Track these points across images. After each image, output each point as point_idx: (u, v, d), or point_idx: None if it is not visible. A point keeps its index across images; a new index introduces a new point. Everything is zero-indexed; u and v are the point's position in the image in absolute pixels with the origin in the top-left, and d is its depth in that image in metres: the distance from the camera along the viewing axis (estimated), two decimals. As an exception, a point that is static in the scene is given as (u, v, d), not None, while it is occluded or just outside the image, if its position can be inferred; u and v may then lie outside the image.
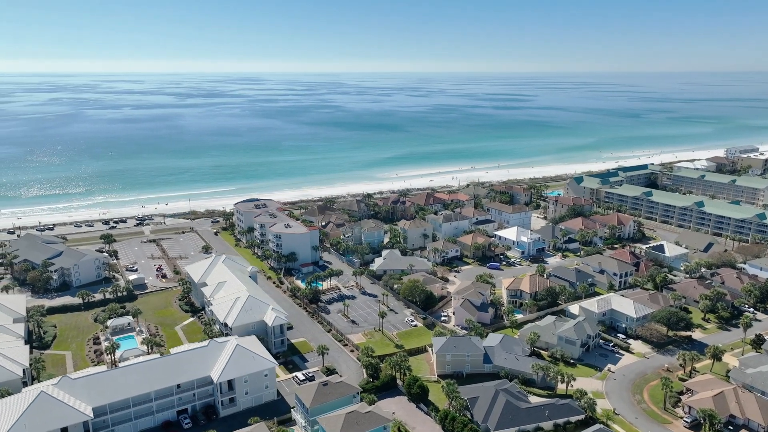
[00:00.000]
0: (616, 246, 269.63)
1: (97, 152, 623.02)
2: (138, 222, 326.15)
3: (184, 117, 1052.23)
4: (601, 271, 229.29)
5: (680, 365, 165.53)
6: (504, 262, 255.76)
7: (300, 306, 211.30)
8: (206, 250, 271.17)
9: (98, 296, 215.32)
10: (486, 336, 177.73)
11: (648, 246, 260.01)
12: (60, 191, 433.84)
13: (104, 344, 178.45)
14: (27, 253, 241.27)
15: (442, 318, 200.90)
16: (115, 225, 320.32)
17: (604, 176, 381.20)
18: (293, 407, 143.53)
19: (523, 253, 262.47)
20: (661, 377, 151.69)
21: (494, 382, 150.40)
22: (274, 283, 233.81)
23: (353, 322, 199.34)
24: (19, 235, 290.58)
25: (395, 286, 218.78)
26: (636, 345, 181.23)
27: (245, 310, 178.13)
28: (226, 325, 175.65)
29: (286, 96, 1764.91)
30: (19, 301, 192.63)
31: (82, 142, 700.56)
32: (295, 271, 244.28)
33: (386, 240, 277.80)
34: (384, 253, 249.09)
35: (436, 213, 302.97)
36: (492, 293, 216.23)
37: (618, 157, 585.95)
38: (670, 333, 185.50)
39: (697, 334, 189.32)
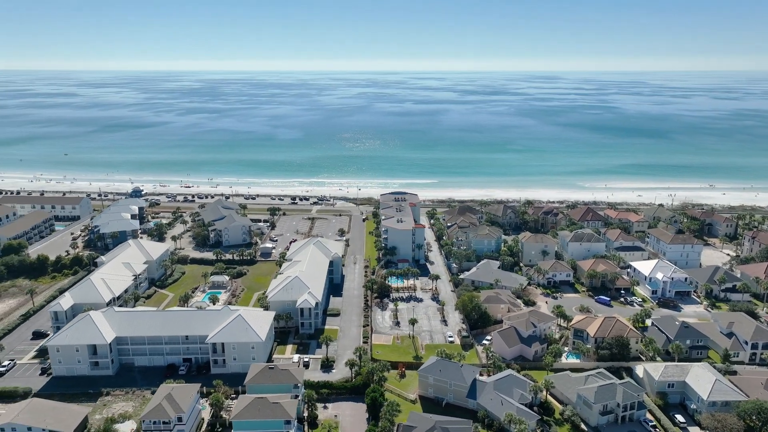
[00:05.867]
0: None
1: (352, 140, 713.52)
2: (314, 201, 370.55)
3: (449, 113, 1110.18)
4: (730, 335, 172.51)
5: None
6: (621, 299, 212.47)
7: (365, 297, 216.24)
8: (341, 233, 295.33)
9: (228, 256, 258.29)
10: (503, 369, 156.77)
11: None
12: (294, 170, 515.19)
13: (197, 293, 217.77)
14: (206, 214, 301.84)
15: (484, 341, 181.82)
16: (296, 201, 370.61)
17: None
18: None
19: (654, 292, 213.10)
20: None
21: (444, 418, 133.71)
22: (365, 273, 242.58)
23: (397, 323, 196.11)
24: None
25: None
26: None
27: (286, 288, 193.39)
28: (266, 298, 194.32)
29: (566, 95, 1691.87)
30: (160, 248, 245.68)
31: (348, 131, 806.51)
32: (392, 265, 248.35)
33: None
34: (480, 262, 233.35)
35: (571, 230, 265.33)
36: (563, 327, 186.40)
37: None
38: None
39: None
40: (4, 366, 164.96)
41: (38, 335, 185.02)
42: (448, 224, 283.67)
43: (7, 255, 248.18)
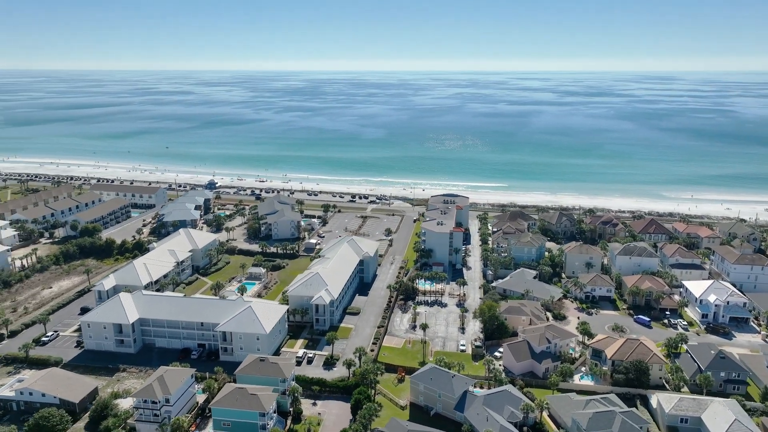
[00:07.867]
0: None
1: (433, 140, 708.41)
2: (371, 200, 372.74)
3: (541, 114, 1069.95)
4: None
5: None
6: (665, 320, 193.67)
7: (391, 298, 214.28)
8: (388, 232, 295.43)
9: (273, 249, 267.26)
10: (504, 383, 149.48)
11: None
12: (365, 168, 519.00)
13: (232, 282, 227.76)
14: (261, 208, 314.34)
15: (496, 352, 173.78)
16: (355, 200, 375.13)
17: None
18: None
19: (704, 316, 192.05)
20: None
21: (422, 428, 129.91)
22: (399, 274, 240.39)
23: (414, 327, 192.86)
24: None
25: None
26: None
27: (305, 284, 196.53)
28: (285, 291, 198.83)
29: (677, 97, 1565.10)
30: (208, 237, 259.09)
31: (433, 131, 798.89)
32: (427, 268, 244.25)
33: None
34: (515, 271, 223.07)
35: (624, 242, 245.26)
36: (585, 346, 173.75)
37: None
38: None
39: None
40: (47, 336, 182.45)
41: (85, 311, 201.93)
42: (494, 229, 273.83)
43: (83, 237, 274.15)
